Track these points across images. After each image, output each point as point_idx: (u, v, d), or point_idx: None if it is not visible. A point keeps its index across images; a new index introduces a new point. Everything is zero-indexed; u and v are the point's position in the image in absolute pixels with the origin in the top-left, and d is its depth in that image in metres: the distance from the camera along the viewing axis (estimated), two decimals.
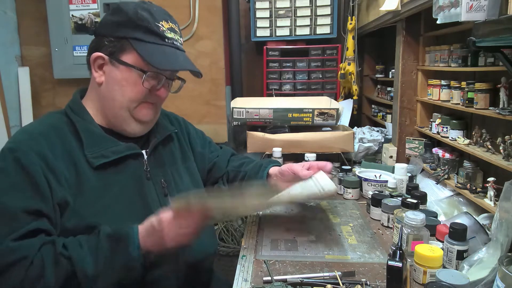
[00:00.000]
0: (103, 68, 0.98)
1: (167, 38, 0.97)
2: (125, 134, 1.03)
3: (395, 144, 1.83)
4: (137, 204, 0.97)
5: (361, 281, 0.88)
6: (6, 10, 2.22)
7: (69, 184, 0.90)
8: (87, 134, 0.96)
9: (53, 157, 0.89)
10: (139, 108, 0.99)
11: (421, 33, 1.73)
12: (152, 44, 0.95)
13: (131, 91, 0.97)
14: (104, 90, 0.99)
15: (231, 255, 2.45)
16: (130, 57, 0.95)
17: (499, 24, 0.86)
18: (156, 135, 1.08)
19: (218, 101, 2.21)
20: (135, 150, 1.00)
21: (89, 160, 0.93)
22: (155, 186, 1.02)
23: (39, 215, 0.85)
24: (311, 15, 2.60)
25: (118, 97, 0.97)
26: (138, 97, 0.98)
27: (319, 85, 2.65)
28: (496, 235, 0.87)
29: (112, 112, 0.99)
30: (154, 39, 0.95)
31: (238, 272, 0.96)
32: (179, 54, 1.00)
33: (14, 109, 2.25)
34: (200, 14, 2.13)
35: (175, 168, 1.10)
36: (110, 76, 0.97)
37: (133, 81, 0.96)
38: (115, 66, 0.96)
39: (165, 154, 1.09)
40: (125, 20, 0.95)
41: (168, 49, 0.97)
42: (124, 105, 0.98)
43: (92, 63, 0.98)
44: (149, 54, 0.93)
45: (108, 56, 0.96)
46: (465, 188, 1.28)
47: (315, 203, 1.39)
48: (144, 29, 0.94)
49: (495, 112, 1.16)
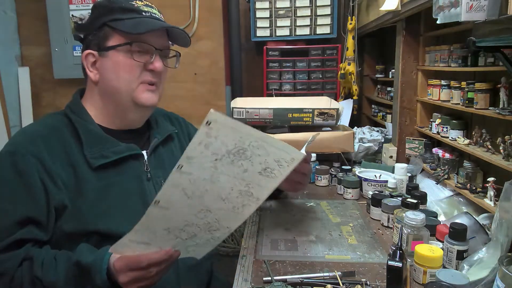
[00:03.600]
0: (96, 65, 0.98)
1: (144, 11, 0.97)
2: (130, 126, 1.03)
3: (395, 144, 1.83)
4: (137, 204, 0.96)
5: (361, 281, 0.88)
6: (6, 10, 2.23)
7: (67, 187, 0.90)
8: (87, 135, 0.96)
9: (51, 159, 0.89)
10: (139, 91, 0.98)
11: (421, 33, 1.73)
12: (130, 19, 0.95)
13: (125, 72, 0.96)
14: (102, 85, 0.98)
15: (231, 255, 2.46)
16: (114, 40, 0.95)
17: (499, 24, 0.86)
18: (156, 135, 1.08)
19: (218, 101, 2.22)
20: (136, 151, 1.00)
21: (89, 160, 0.93)
22: (155, 186, 1.01)
23: (28, 223, 0.86)
24: (311, 15, 2.60)
25: (115, 84, 0.96)
26: (134, 75, 0.96)
27: (319, 85, 2.65)
28: (496, 235, 0.87)
29: (114, 104, 0.99)
30: (131, 15, 0.95)
31: (238, 272, 0.96)
32: (157, 19, 0.99)
33: (14, 109, 2.25)
34: (200, 14, 2.13)
35: None
36: (103, 68, 0.97)
37: (124, 62, 0.95)
38: (105, 56, 0.96)
39: (165, 155, 1.09)
40: (100, 10, 0.96)
41: (147, 19, 0.97)
42: (124, 89, 0.97)
43: (85, 63, 0.98)
44: (128, 26, 0.93)
45: (97, 50, 0.96)
46: (465, 188, 1.28)
47: (315, 203, 1.39)
48: (119, 9, 0.95)
49: (495, 112, 1.16)
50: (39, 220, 0.87)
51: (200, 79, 2.24)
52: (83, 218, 0.89)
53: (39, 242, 0.88)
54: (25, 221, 0.86)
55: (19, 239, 0.85)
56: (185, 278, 1.01)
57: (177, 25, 1.02)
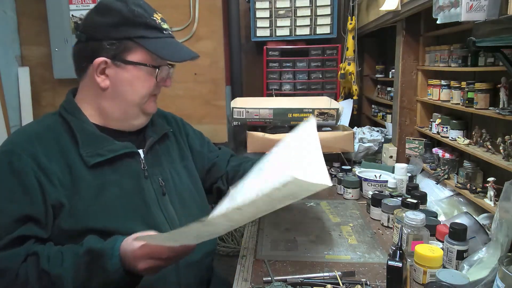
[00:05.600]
0: (105, 72, 0.97)
1: (164, 29, 0.99)
2: (129, 129, 1.04)
3: (395, 144, 1.83)
4: (135, 203, 0.97)
5: (361, 281, 0.88)
6: (6, 10, 2.22)
7: (63, 185, 0.90)
8: (82, 134, 0.96)
9: (47, 159, 0.90)
10: (149, 102, 1.02)
11: (421, 33, 1.73)
12: (155, 39, 0.97)
13: (142, 88, 0.99)
14: (112, 93, 0.99)
15: (231, 255, 2.46)
16: (137, 56, 0.96)
17: (499, 24, 0.86)
18: (152, 134, 1.09)
19: (218, 101, 2.21)
20: (132, 149, 1.00)
21: (85, 159, 0.93)
22: (153, 185, 1.01)
23: (27, 220, 0.86)
24: (311, 15, 2.60)
25: (130, 97, 0.99)
26: (149, 92, 1.00)
27: (319, 85, 2.65)
28: (496, 235, 0.87)
29: (122, 111, 1.00)
30: (155, 33, 0.97)
31: (238, 272, 0.96)
32: (180, 43, 1.03)
33: (14, 109, 2.25)
34: (200, 14, 2.13)
35: (173, 167, 1.10)
36: (117, 78, 0.97)
37: (144, 78, 0.98)
38: (120, 67, 0.96)
39: (162, 153, 1.09)
40: (121, 19, 0.95)
41: (170, 40, 1.00)
42: (137, 102, 1.00)
43: (95, 68, 0.97)
44: (158, 49, 0.96)
45: (111, 59, 0.96)
46: (465, 188, 1.28)
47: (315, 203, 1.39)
48: (144, 25, 0.95)
49: (495, 112, 1.16)
50: (38, 218, 0.87)
51: (200, 79, 2.24)
52: (80, 216, 0.90)
53: (40, 240, 0.89)
54: (24, 218, 0.86)
55: (21, 236, 0.85)
56: (185, 274, 1.02)
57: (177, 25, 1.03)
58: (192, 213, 1.09)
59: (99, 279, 0.83)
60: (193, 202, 1.12)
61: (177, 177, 1.10)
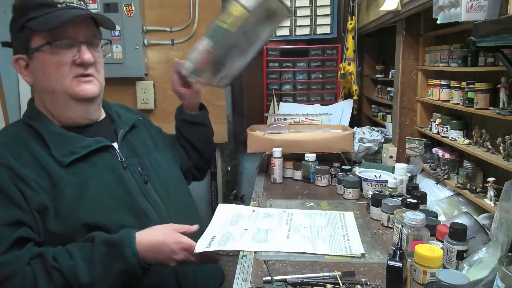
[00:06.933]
0: (28, 68, 0.96)
1: (59, 3, 0.93)
2: (73, 124, 1.00)
3: (395, 144, 1.83)
4: (119, 194, 0.96)
5: (361, 281, 0.88)
6: (6, 10, 2.22)
7: (43, 189, 0.89)
8: (51, 136, 0.95)
9: (20, 165, 0.88)
10: (74, 86, 0.95)
11: (421, 33, 1.73)
12: (44, 15, 0.91)
13: (54, 71, 0.94)
14: (38, 87, 0.97)
15: (231, 255, 2.45)
16: (35, 40, 0.93)
17: (499, 24, 0.86)
18: (122, 126, 1.09)
19: (218, 101, 2.21)
20: (105, 143, 0.99)
21: (59, 159, 0.92)
22: (133, 174, 1.01)
23: (20, 225, 0.86)
24: (311, 15, 2.60)
25: (49, 85, 0.95)
26: (64, 72, 0.94)
27: (319, 85, 2.65)
28: (496, 235, 0.87)
29: (56, 102, 0.97)
30: (44, 10, 0.92)
31: (238, 272, 0.96)
32: (74, 11, 0.94)
33: (14, 109, 2.25)
34: (200, 14, 2.13)
35: (151, 155, 1.10)
36: (34, 71, 0.96)
37: (51, 61, 0.93)
38: (33, 59, 0.94)
39: (136, 143, 1.09)
40: (17, 11, 0.94)
41: (62, 11, 0.92)
42: (58, 88, 0.95)
43: (17, 68, 0.96)
44: (42, 24, 0.90)
45: (25, 54, 0.94)
46: (465, 188, 1.28)
47: (315, 203, 1.38)
48: (33, 6, 0.92)
49: (495, 112, 1.16)
50: (28, 222, 0.87)
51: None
52: (67, 216, 0.89)
53: (37, 244, 0.89)
54: (17, 223, 0.86)
55: (19, 238, 0.85)
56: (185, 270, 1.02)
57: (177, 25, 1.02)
58: (177, 197, 1.09)
59: (119, 266, 0.84)
60: (175, 186, 1.13)
61: (156, 164, 1.10)
